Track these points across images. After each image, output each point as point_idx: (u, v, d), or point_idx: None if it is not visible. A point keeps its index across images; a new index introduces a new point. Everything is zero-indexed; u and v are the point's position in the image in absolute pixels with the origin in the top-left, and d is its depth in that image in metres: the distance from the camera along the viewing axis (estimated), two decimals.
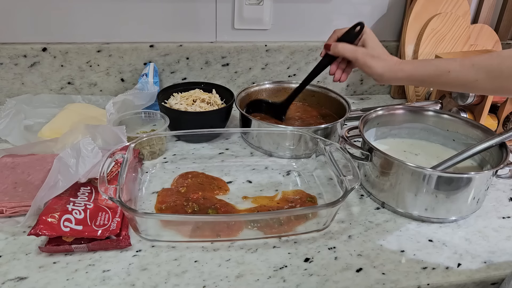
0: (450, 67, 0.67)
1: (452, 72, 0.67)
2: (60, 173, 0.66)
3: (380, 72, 0.72)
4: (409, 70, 0.71)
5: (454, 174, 0.68)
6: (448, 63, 0.68)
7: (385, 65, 0.72)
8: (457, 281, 0.61)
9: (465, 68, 0.66)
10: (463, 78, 0.66)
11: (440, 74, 0.68)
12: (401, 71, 0.71)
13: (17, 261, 0.60)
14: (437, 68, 0.68)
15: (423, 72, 0.70)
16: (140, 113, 0.90)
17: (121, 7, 1.00)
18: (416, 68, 0.70)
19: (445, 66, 0.67)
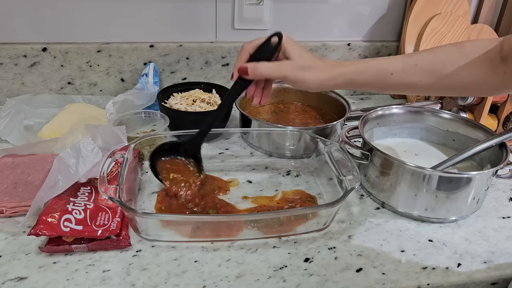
0: (393, 69, 0.61)
1: (395, 74, 0.61)
2: (60, 173, 0.66)
3: (317, 83, 0.63)
4: (348, 74, 0.63)
5: (454, 174, 0.68)
6: (390, 63, 0.62)
7: (321, 74, 0.63)
8: (457, 281, 0.61)
9: (408, 68, 0.61)
10: (406, 80, 0.61)
11: (382, 77, 0.62)
12: (340, 77, 0.63)
13: (17, 261, 0.60)
14: (378, 70, 0.62)
15: (364, 75, 0.63)
16: (140, 113, 0.90)
17: (121, 7, 1.00)
18: (356, 71, 0.63)
19: (387, 68, 0.62)
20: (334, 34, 1.13)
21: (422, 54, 0.62)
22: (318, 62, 0.64)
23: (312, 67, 0.63)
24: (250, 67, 0.64)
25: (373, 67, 0.63)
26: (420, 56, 0.62)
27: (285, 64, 0.64)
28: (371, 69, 0.62)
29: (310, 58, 0.64)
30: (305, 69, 0.63)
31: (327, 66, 0.63)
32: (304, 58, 0.64)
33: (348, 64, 0.64)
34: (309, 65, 0.63)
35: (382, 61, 0.63)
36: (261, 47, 0.65)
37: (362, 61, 0.64)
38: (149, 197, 0.73)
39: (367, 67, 0.63)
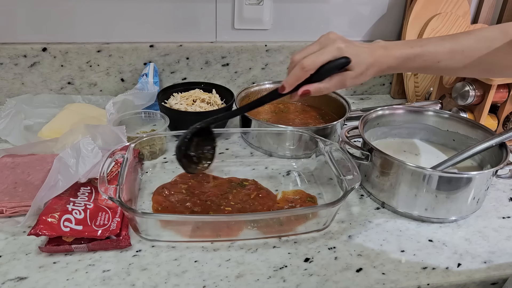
0: (440, 57, 0.62)
1: (442, 62, 0.63)
2: (60, 173, 0.66)
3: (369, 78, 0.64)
4: (397, 65, 0.63)
5: (454, 174, 0.68)
6: (438, 51, 0.62)
7: (374, 72, 0.63)
8: (457, 281, 0.61)
9: (455, 56, 0.62)
10: (451, 66, 0.63)
11: (429, 65, 0.63)
12: (388, 69, 0.64)
13: (17, 261, 0.60)
14: (426, 60, 0.62)
15: (412, 64, 0.63)
16: (140, 113, 0.90)
17: (121, 7, 1.00)
18: (404, 61, 0.62)
19: (435, 56, 0.62)
20: None
21: (468, 41, 0.62)
22: (370, 60, 0.61)
23: (368, 70, 0.62)
24: (313, 90, 0.61)
25: (421, 56, 0.62)
26: (466, 42, 0.62)
27: (346, 78, 0.61)
28: (419, 58, 0.62)
29: (365, 60, 0.61)
30: (363, 74, 0.62)
31: (377, 62, 0.62)
32: (361, 63, 0.61)
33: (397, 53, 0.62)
34: (366, 68, 0.61)
35: (430, 47, 0.62)
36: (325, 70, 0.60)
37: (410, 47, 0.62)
38: (149, 197, 0.73)
39: (416, 55, 0.62)
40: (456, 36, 0.63)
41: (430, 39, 0.63)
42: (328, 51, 0.59)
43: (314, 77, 0.60)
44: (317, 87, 0.61)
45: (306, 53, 0.60)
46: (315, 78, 0.60)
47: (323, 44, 0.60)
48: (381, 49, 0.62)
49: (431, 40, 0.63)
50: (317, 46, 0.61)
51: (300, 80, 0.60)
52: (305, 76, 0.60)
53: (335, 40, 0.60)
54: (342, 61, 0.59)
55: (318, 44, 0.61)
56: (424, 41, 0.63)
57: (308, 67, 0.59)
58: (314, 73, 0.60)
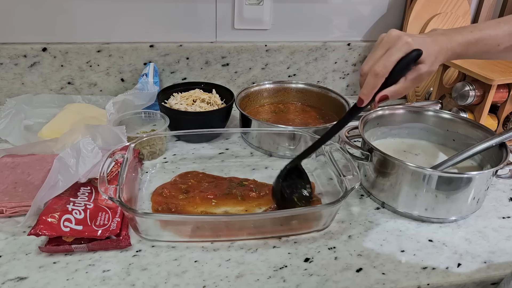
0: (500, 40, 0.61)
1: (501, 45, 0.62)
2: (60, 173, 0.66)
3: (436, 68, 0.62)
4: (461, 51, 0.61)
5: (454, 174, 0.68)
6: (498, 34, 0.61)
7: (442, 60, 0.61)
8: (457, 281, 0.61)
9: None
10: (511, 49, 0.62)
11: (490, 49, 0.62)
12: (453, 56, 0.62)
13: (17, 261, 0.60)
14: (487, 44, 0.61)
15: (473, 49, 0.62)
16: (140, 113, 0.90)
17: (121, 7, 1.00)
18: (466, 46, 0.61)
19: (495, 40, 0.61)
20: (334, 34, 1.13)
21: None
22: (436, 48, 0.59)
23: (437, 57, 0.60)
24: (390, 94, 0.59)
25: (482, 40, 0.61)
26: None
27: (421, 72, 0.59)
28: (481, 43, 0.61)
29: (432, 50, 0.59)
30: (433, 63, 0.60)
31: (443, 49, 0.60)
32: (430, 54, 0.59)
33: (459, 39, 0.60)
34: (435, 57, 0.59)
35: (490, 31, 0.61)
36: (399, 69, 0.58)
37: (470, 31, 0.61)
38: (149, 197, 0.73)
39: (477, 39, 0.61)
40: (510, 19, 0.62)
41: (486, 23, 0.63)
42: (397, 49, 0.57)
43: (388, 80, 0.58)
44: (394, 90, 0.59)
45: (374, 60, 0.58)
46: (389, 82, 0.58)
47: (389, 44, 0.59)
48: (442, 36, 0.61)
49: (488, 24, 0.62)
50: (383, 49, 0.59)
51: (376, 88, 0.59)
52: (380, 83, 0.58)
53: (400, 36, 0.58)
54: (414, 54, 0.57)
55: (382, 47, 0.59)
56: (481, 25, 0.62)
57: (381, 72, 0.57)
58: (390, 76, 0.58)
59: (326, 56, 1.13)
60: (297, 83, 1.05)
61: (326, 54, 1.13)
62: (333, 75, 1.17)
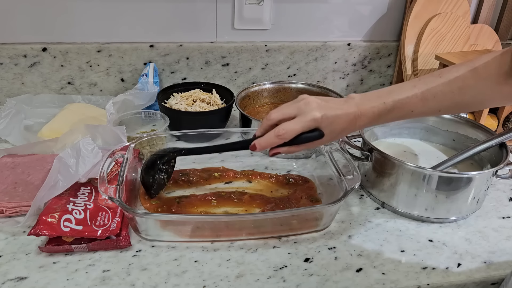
0: (413, 107, 0.61)
1: (415, 111, 0.62)
2: (60, 173, 0.66)
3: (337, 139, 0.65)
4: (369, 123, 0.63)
5: (454, 174, 0.68)
6: (410, 101, 0.61)
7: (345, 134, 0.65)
8: (457, 281, 0.61)
9: (427, 103, 0.61)
10: (425, 112, 0.63)
11: (403, 115, 0.62)
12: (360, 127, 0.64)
13: (17, 261, 0.60)
14: (399, 113, 0.62)
15: (385, 118, 0.63)
16: (140, 113, 0.90)
17: (121, 7, 1.00)
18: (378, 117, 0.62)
19: (408, 107, 0.61)
20: (334, 34, 1.13)
21: (439, 85, 0.61)
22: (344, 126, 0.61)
23: (339, 133, 0.63)
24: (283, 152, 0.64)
25: (394, 109, 0.61)
26: (437, 87, 0.61)
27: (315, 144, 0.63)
28: (392, 112, 0.61)
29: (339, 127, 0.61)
30: (332, 139, 0.63)
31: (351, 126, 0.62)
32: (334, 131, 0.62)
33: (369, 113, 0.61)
34: (337, 134, 0.63)
35: (402, 98, 0.61)
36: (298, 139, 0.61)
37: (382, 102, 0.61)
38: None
39: (389, 110, 0.61)
40: (426, 81, 0.61)
41: (401, 87, 0.62)
42: (304, 121, 0.60)
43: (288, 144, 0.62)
44: (287, 150, 0.63)
45: (283, 115, 0.61)
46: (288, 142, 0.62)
47: (301, 111, 0.60)
48: (355, 107, 0.61)
49: (402, 89, 0.62)
50: (294, 111, 0.61)
51: (272, 145, 0.63)
52: (278, 143, 0.62)
53: (313, 109, 0.60)
54: (315, 134, 0.61)
55: (296, 109, 0.61)
56: (395, 92, 0.62)
57: (283, 136, 0.60)
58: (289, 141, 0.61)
59: (326, 56, 1.13)
60: (297, 83, 1.05)
61: (326, 54, 1.13)
62: (333, 75, 1.16)
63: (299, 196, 0.74)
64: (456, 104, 0.62)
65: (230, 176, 0.79)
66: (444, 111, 0.63)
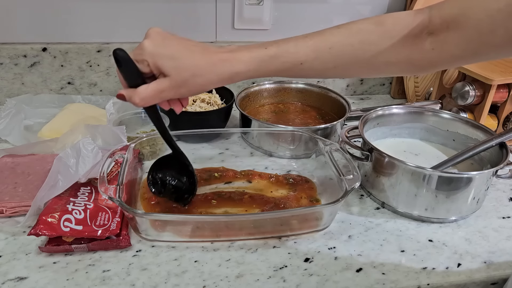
0: (302, 58, 0.53)
1: (305, 63, 0.54)
2: (60, 173, 0.66)
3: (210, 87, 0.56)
4: (248, 70, 0.54)
5: (454, 174, 0.68)
6: (299, 51, 0.53)
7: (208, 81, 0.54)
8: (457, 281, 0.61)
9: (321, 55, 0.53)
10: (318, 67, 0.54)
11: (290, 67, 0.54)
12: (237, 75, 0.55)
13: (17, 261, 0.60)
14: (285, 62, 0.54)
15: (268, 69, 0.54)
16: (140, 113, 0.90)
17: (121, 7, 1.00)
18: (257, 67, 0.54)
19: (296, 57, 0.53)
20: None
21: (337, 35, 0.53)
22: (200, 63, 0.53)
23: (196, 75, 0.53)
24: (126, 95, 0.54)
25: (278, 56, 0.54)
26: (334, 37, 0.53)
27: (162, 87, 0.53)
28: (276, 60, 0.54)
29: (188, 64, 0.53)
30: (189, 81, 0.53)
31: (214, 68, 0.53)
32: (181, 68, 0.52)
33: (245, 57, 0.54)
34: (192, 74, 0.53)
35: (290, 46, 0.54)
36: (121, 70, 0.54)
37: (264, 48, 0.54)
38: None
39: (271, 56, 0.54)
40: (323, 32, 0.54)
41: (292, 38, 0.55)
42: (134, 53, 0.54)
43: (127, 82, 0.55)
44: (126, 93, 0.54)
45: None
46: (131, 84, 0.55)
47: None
48: (224, 52, 0.54)
49: (293, 39, 0.55)
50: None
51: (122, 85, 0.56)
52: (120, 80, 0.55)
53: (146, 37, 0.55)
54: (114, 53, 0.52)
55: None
56: (283, 40, 0.55)
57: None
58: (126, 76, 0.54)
59: None
60: (297, 83, 1.05)
61: None
62: None
63: (299, 196, 0.74)
64: (354, 62, 0.54)
65: (230, 176, 0.79)
66: (340, 70, 0.55)
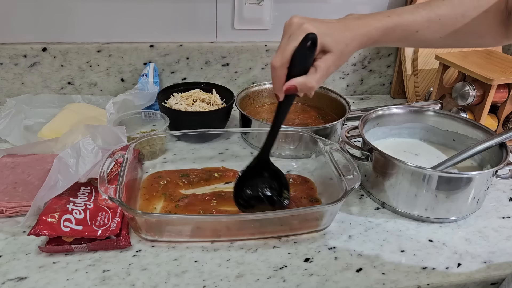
0: (418, 26, 0.60)
1: (420, 31, 0.60)
2: (60, 173, 0.66)
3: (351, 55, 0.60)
4: (377, 36, 0.59)
5: (454, 174, 0.68)
6: (416, 20, 0.60)
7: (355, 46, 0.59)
8: (457, 281, 0.61)
9: (432, 25, 0.60)
10: (429, 36, 0.61)
11: (408, 35, 0.61)
12: (369, 40, 0.60)
13: (17, 261, 0.60)
14: (405, 30, 0.60)
15: (390, 36, 0.60)
16: (140, 113, 0.90)
17: (121, 7, 1.00)
18: (384, 32, 0.59)
19: (413, 26, 0.60)
20: None
21: (443, 8, 0.60)
22: (348, 35, 0.57)
23: (348, 44, 0.57)
24: (299, 85, 0.56)
25: (400, 25, 0.60)
26: (441, 10, 0.60)
27: (329, 63, 0.56)
28: (398, 28, 0.60)
29: (342, 36, 0.57)
30: (344, 52, 0.57)
31: (357, 35, 0.58)
32: (339, 41, 0.56)
33: (377, 24, 0.59)
34: (345, 45, 0.57)
35: (407, 16, 0.60)
36: (298, 57, 0.55)
37: (388, 16, 0.60)
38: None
39: (395, 25, 0.59)
40: (430, 3, 0.61)
41: (405, 8, 0.61)
42: (295, 36, 0.55)
43: (295, 71, 0.55)
44: (301, 81, 0.56)
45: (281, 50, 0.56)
46: (297, 73, 0.56)
47: (290, 32, 0.56)
48: (356, 20, 0.59)
49: (406, 9, 0.61)
50: (286, 38, 0.56)
51: (280, 80, 0.56)
52: (281, 74, 0.56)
53: (301, 23, 0.55)
54: (309, 38, 0.53)
55: (285, 35, 0.57)
56: (399, 10, 0.61)
57: (277, 63, 0.55)
58: (292, 66, 0.55)
59: None
60: None
61: None
62: (333, 75, 1.16)
63: (299, 196, 0.74)
64: (457, 32, 0.61)
65: (230, 176, 0.79)
66: (444, 40, 0.62)
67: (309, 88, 0.56)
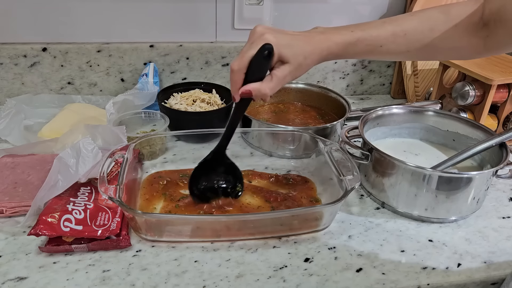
0: (382, 41, 0.60)
1: (384, 46, 0.61)
2: (60, 173, 0.66)
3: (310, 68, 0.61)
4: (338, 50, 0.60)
5: (454, 174, 0.68)
6: (380, 35, 0.60)
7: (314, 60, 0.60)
8: (457, 281, 0.61)
9: (397, 39, 0.60)
10: (394, 50, 0.61)
11: (371, 50, 0.61)
12: (330, 55, 0.61)
13: (17, 261, 0.60)
14: (368, 44, 0.60)
15: (353, 49, 0.61)
16: (140, 113, 0.90)
17: (121, 7, 1.00)
18: (346, 47, 0.60)
19: (377, 41, 0.60)
20: None
21: (410, 22, 0.61)
22: (308, 48, 0.59)
23: (306, 57, 0.59)
24: (253, 90, 0.58)
25: (363, 40, 0.60)
26: (408, 24, 0.61)
27: (286, 73, 0.59)
28: (361, 43, 0.60)
29: (301, 49, 0.58)
30: (302, 64, 0.59)
31: (317, 49, 0.59)
32: (297, 53, 0.58)
33: (338, 39, 0.60)
34: (304, 57, 0.59)
35: (372, 31, 0.61)
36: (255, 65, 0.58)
37: (350, 31, 0.60)
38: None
39: (357, 40, 0.60)
40: (398, 18, 0.62)
41: (371, 23, 0.62)
42: (255, 45, 0.57)
43: (251, 76, 0.58)
44: (255, 87, 0.58)
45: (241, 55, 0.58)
46: (253, 78, 0.58)
47: (252, 40, 0.58)
48: (319, 35, 0.60)
49: (372, 24, 0.62)
50: (247, 45, 0.59)
51: (237, 84, 0.59)
52: (238, 78, 0.58)
53: (263, 33, 0.57)
54: (265, 49, 0.56)
55: (248, 42, 0.59)
56: (365, 25, 0.62)
57: (235, 67, 0.57)
58: (249, 72, 0.58)
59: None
60: (297, 83, 1.05)
61: None
62: (333, 75, 1.17)
63: (299, 196, 0.74)
64: (425, 46, 0.61)
65: None
66: (412, 53, 0.62)
67: (263, 94, 0.59)
